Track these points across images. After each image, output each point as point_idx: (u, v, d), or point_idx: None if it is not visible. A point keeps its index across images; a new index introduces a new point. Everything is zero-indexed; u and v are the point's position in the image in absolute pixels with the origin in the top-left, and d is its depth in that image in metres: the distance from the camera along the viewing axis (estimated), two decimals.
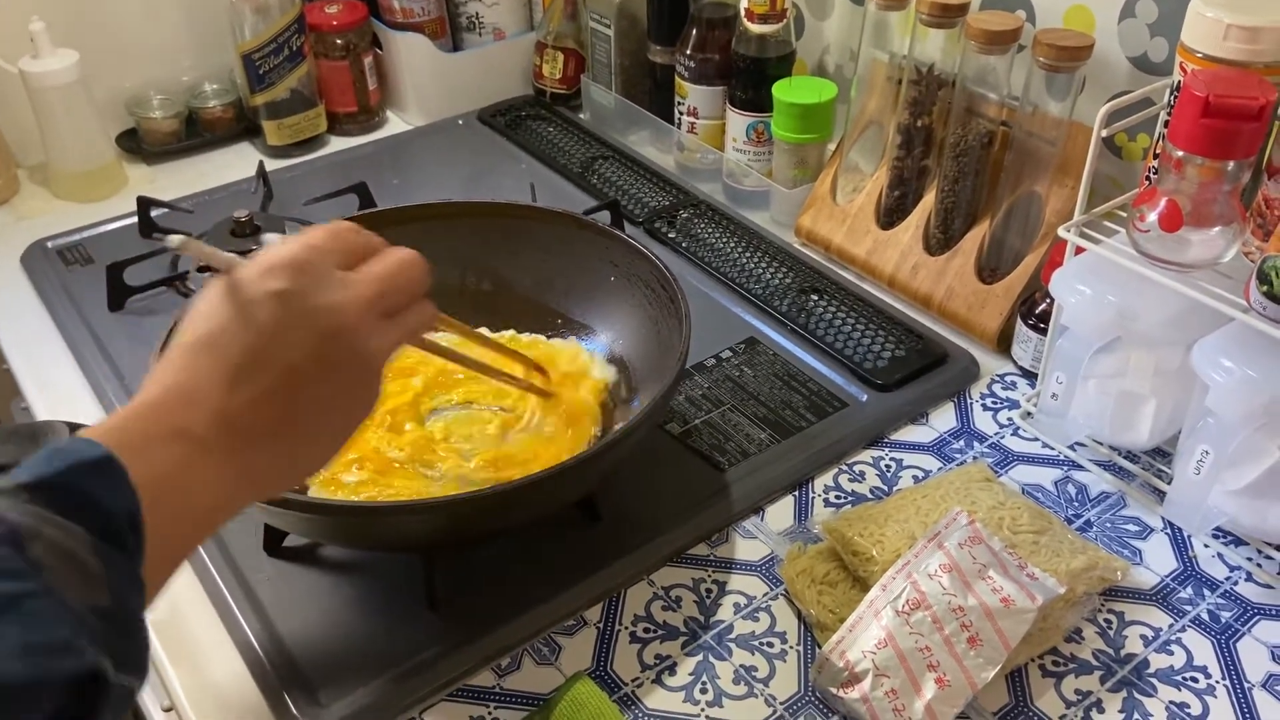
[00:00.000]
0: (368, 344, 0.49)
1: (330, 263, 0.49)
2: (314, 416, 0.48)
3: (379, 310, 0.49)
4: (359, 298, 0.48)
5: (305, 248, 0.48)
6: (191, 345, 0.46)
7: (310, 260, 0.48)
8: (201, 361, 0.46)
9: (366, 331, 0.49)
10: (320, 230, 0.50)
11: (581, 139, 1.16)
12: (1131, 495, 0.73)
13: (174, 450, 0.43)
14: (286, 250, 0.48)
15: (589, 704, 0.58)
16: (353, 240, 0.50)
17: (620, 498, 0.71)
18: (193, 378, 0.45)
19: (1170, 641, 0.64)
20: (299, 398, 0.47)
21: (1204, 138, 0.60)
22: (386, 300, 0.50)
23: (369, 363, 0.49)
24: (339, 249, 0.49)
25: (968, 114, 0.84)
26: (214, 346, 0.46)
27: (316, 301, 0.47)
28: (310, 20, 1.15)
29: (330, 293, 0.48)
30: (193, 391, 0.45)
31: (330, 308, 0.47)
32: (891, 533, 0.64)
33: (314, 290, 0.47)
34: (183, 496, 0.44)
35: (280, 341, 0.46)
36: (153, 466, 0.42)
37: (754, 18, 0.97)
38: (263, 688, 0.61)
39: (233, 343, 0.46)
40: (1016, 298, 0.84)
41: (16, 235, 1.02)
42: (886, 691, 0.56)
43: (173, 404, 0.45)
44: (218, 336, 0.46)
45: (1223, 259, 0.64)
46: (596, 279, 0.80)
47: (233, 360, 0.45)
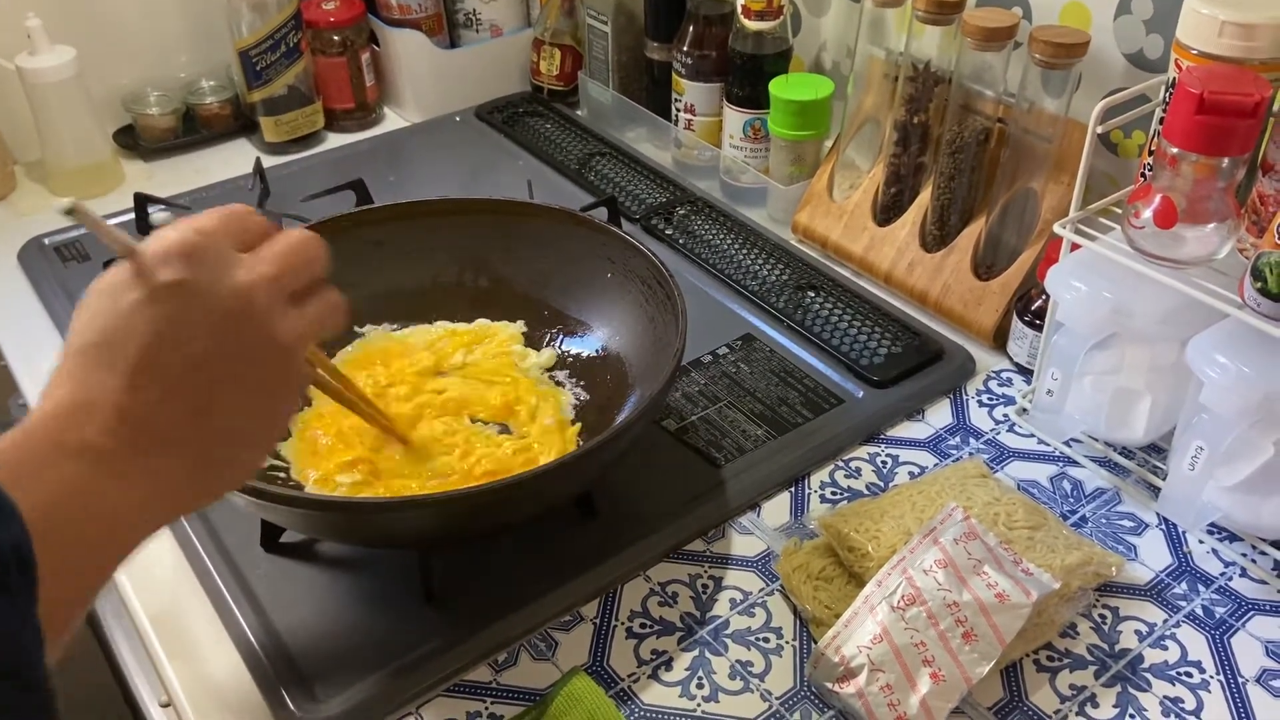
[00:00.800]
0: (279, 327, 0.45)
1: (226, 245, 0.45)
2: (229, 412, 0.44)
3: (284, 291, 0.46)
4: (262, 277, 0.45)
5: (198, 231, 0.44)
6: (82, 350, 0.42)
7: (205, 244, 0.44)
8: (94, 366, 0.42)
9: (275, 314, 0.45)
10: (213, 212, 0.46)
11: (579, 136, 1.16)
12: (1126, 491, 0.73)
13: (71, 468, 0.39)
14: (178, 235, 0.44)
15: (585, 699, 0.58)
16: (248, 221, 0.47)
17: (617, 494, 0.71)
18: (86, 386, 0.41)
19: (1165, 637, 0.64)
20: (209, 392, 0.43)
21: (1199, 134, 0.60)
22: (290, 280, 0.46)
23: (283, 348, 0.46)
24: (234, 231, 0.46)
25: (964, 111, 0.84)
26: (107, 348, 0.42)
27: (218, 286, 0.43)
28: (307, 17, 1.15)
29: (232, 275, 0.44)
30: (88, 400, 0.41)
31: (233, 291, 0.44)
32: (887, 528, 0.64)
33: (213, 275, 0.44)
34: (87, 518, 0.40)
35: (181, 335, 0.42)
36: (48, 489, 0.38)
37: (751, 14, 0.97)
38: (260, 683, 0.61)
39: (127, 341, 0.42)
40: (1012, 294, 0.84)
41: (14, 232, 1.02)
42: (882, 686, 0.57)
43: (67, 417, 0.41)
44: (110, 336, 0.42)
45: (1217, 255, 0.64)
46: (593, 275, 0.80)
47: (129, 360, 0.42)
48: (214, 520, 0.70)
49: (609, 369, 0.78)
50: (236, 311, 0.44)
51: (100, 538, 0.41)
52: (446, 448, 0.71)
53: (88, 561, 0.40)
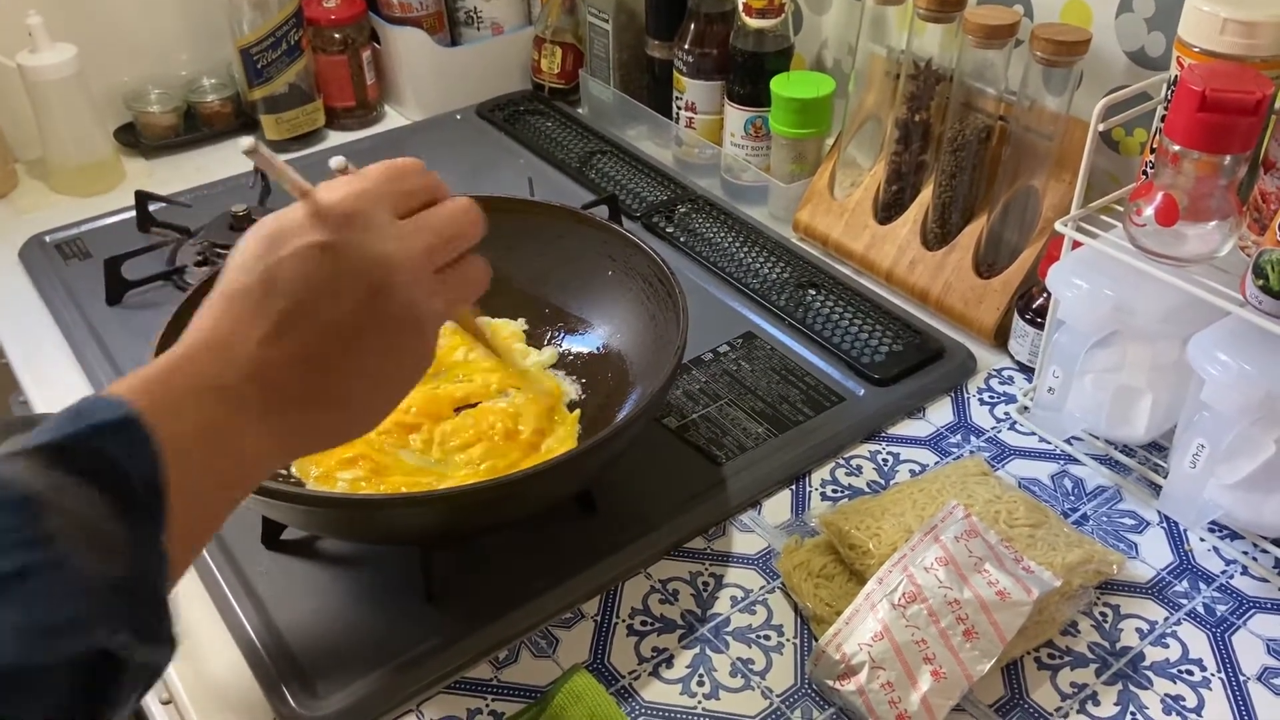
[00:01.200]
0: (421, 301, 0.46)
1: (385, 208, 0.46)
2: (359, 378, 0.45)
3: (432, 264, 0.46)
4: (412, 250, 0.45)
5: (360, 194, 0.45)
6: (230, 295, 0.43)
7: (362, 208, 0.45)
8: (238, 313, 0.43)
9: (420, 288, 0.46)
10: (381, 169, 0.47)
11: (579, 134, 1.16)
12: (1127, 489, 0.73)
13: (205, 406, 0.41)
14: (340, 194, 0.45)
15: (586, 696, 0.58)
16: (413, 182, 0.47)
17: (618, 491, 0.71)
18: (229, 329, 0.43)
19: (1166, 635, 0.64)
20: (343, 357, 0.44)
21: (1200, 132, 0.60)
22: (441, 253, 0.47)
23: (421, 321, 0.46)
24: (396, 191, 0.46)
25: (965, 109, 0.84)
26: (251, 298, 0.43)
27: (365, 254, 0.44)
28: (308, 15, 1.15)
29: (382, 244, 0.44)
30: (228, 344, 0.42)
31: (381, 260, 0.44)
32: (888, 526, 0.64)
33: (365, 242, 0.44)
34: (214, 454, 0.41)
35: (324, 297, 0.43)
36: (184, 425, 0.40)
37: (752, 12, 0.97)
38: (261, 680, 0.61)
39: (272, 296, 0.43)
40: (1014, 292, 0.84)
41: (14, 229, 1.02)
42: (882, 684, 0.56)
43: (206, 357, 0.42)
44: (257, 288, 0.43)
45: (1219, 253, 0.64)
46: (594, 273, 0.80)
47: (272, 314, 0.43)
48: None
49: (610, 366, 0.78)
50: (379, 283, 0.44)
51: (226, 475, 0.42)
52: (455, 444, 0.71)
53: (214, 496, 0.42)
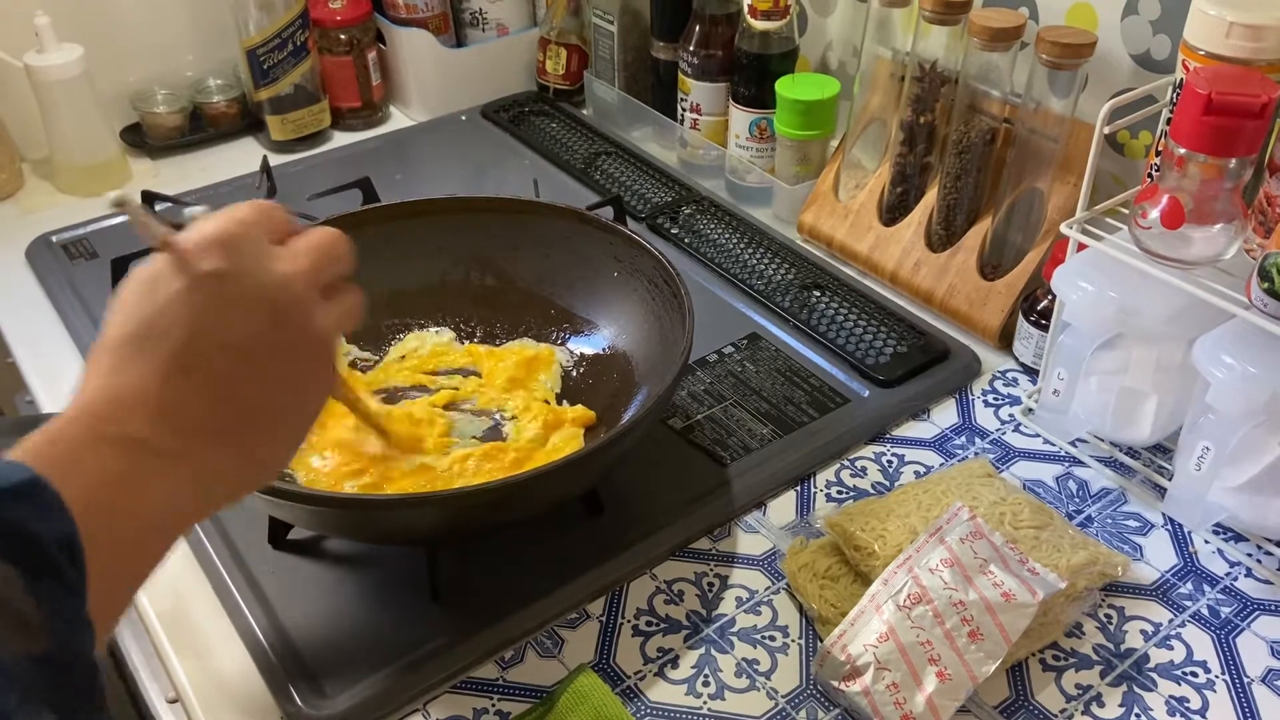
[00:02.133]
0: (316, 319, 0.46)
1: (263, 237, 0.45)
2: (266, 403, 0.44)
3: (319, 284, 0.46)
4: (300, 270, 0.45)
5: (237, 222, 0.44)
6: (121, 341, 0.42)
7: (244, 234, 0.44)
8: (134, 357, 0.42)
9: (312, 306, 0.46)
10: (246, 206, 0.46)
11: (584, 135, 1.16)
12: (1132, 491, 0.73)
13: (113, 459, 0.39)
14: (217, 225, 0.44)
15: (592, 697, 0.58)
16: (277, 216, 0.47)
17: (623, 492, 0.71)
18: (125, 376, 0.41)
19: (1170, 637, 0.64)
20: (249, 384, 0.43)
21: (1206, 135, 0.60)
22: (324, 274, 0.47)
23: (320, 340, 0.46)
24: (267, 224, 0.46)
25: (970, 111, 0.84)
26: (147, 339, 0.42)
27: (261, 276, 0.44)
28: (314, 15, 1.15)
29: (274, 265, 0.44)
30: (128, 391, 0.41)
31: (274, 281, 0.44)
32: (893, 527, 0.64)
33: (257, 265, 0.44)
34: (131, 509, 0.39)
35: (220, 325, 0.43)
36: (90, 480, 0.38)
37: (757, 14, 0.98)
38: (267, 679, 0.61)
39: (167, 332, 0.42)
40: (1018, 294, 0.84)
41: (21, 229, 1.03)
42: (888, 685, 0.57)
43: (106, 408, 0.41)
44: (149, 327, 0.42)
45: (1224, 256, 0.64)
46: (599, 274, 0.80)
47: (169, 350, 0.42)
48: (222, 518, 0.70)
49: (615, 367, 0.78)
50: (277, 302, 0.44)
51: (143, 529, 0.41)
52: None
53: (132, 553, 0.40)
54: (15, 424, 0.64)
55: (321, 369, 0.47)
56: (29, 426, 0.63)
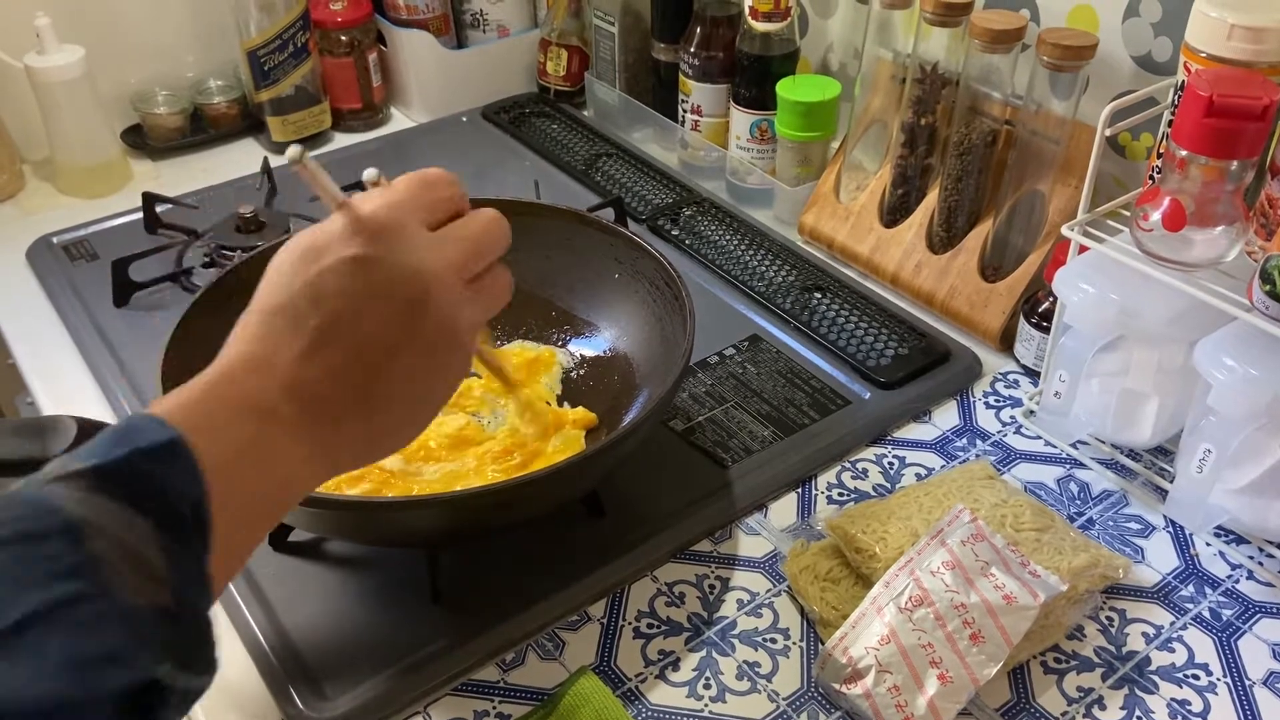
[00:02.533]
0: (454, 313, 0.46)
1: (417, 219, 0.45)
2: (395, 390, 0.45)
3: (466, 275, 0.46)
4: (446, 262, 0.45)
5: (393, 205, 0.45)
6: (265, 312, 0.43)
7: (397, 220, 0.44)
8: (275, 330, 0.43)
9: (453, 299, 0.45)
10: (412, 181, 0.47)
11: (585, 136, 1.16)
12: (1133, 493, 0.73)
13: (246, 426, 0.41)
14: (373, 207, 0.44)
15: (593, 699, 0.58)
16: (443, 192, 0.47)
17: (624, 494, 0.71)
18: (265, 347, 0.43)
19: (1172, 639, 0.64)
20: (381, 371, 0.44)
21: (1207, 137, 0.60)
22: (473, 264, 0.47)
23: (455, 333, 0.46)
24: (428, 204, 0.46)
25: (971, 113, 0.84)
26: (288, 314, 0.43)
27: (400, 268, 0.44)
28: (315, 17, 1.15)
29: (418, 257, 0.44)
30: (265, 362, 0.42)
31: (415, 274, 0.44)
32: (894, 530, 0.64)
33: (398, 254, 0.44)
34: (256, 475, 0.41)
35: (361, 311, 0.43)
36: (226, 446, 0.39)
37: (758, 16, 0.98)
38: (268, 681, 0.61)
39: (309, 311, 0.43)
40: (1019, 296, 0.84)
41: (22, 231, 1.03)
42: (889, 687, 0.57)
43: (244, 376, 0.42)
44: (293, 303, 0.43)
45: (1226, 258, 0.64)
46: (600, 276, 0.80)
47: (308, 330, 0.43)
48: None
49: (616, 369, 0.78)
50: (415, 298, 0.44)
51: (267, 494, 0.42)
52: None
53: (254, 516, 0.42)
54: (15, 426, 0.64)
55: (455, 361, 0.47)
56: (30, 429, 0.63)
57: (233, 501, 0.39)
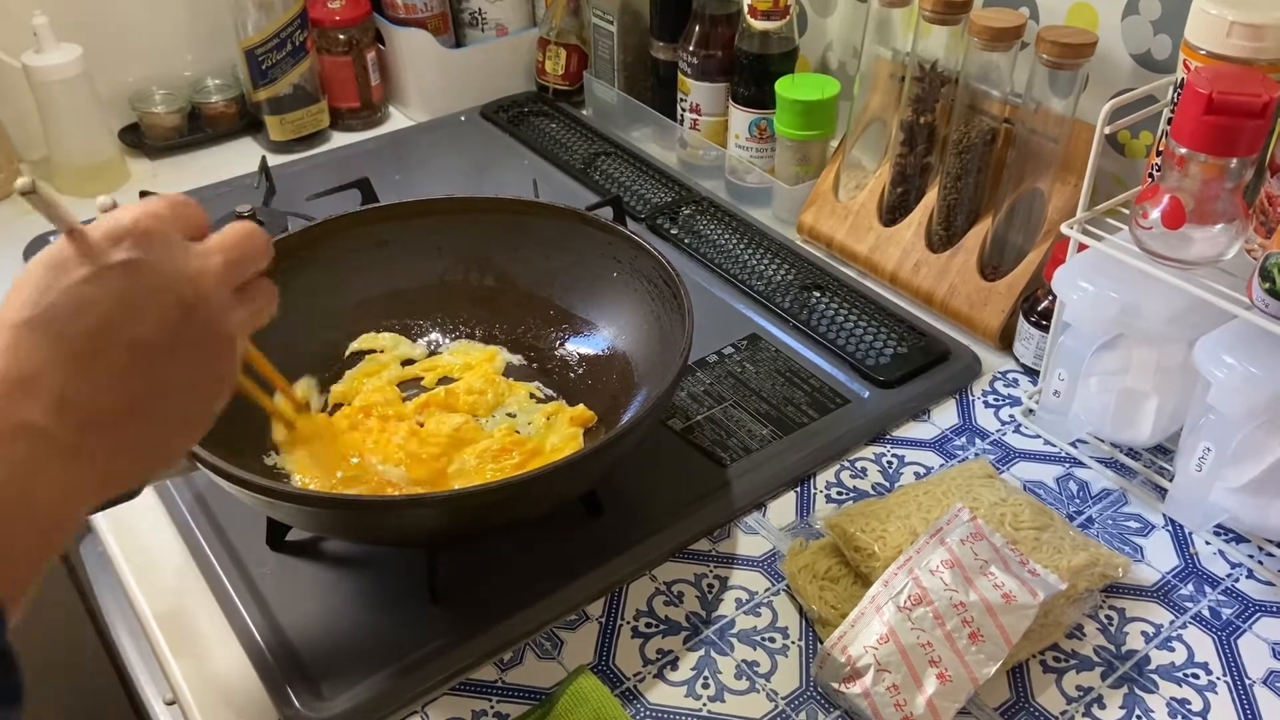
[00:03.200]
0: (223, 318, 0.45)
1: (177, 231, 0.45)
2: (168, 398, 0.44)
3: (231, 282, 0.46)
4: (213, 267, 0.45)
5: (151, 215, 0.44)
6: (26, 323, 0.41)
7: (158, 228, 0.44)
8: (38, 342, 0.40)
9: (222, 305, 0.45)
10: (162, 199, 0.46)
11: (584, 135, 1.16)
12: (1133, 492, 0.73)
13: (15, 448, 0.39)
14: (131, 216, 0.43)
15: (591, 698, 0.58)
16: (193, 211, 0.47)
17: (623, 493, 0.71)
18: (30, 362, 0.40)
19: (1171, 638, 0.64)
20: (150, 378, 0.43)
21: (1207, 135, 0.60)
22: (238, 271, 0.47)
23: (225, 338, 0.46)
24: (182, 218, 0.46)
25: (971, 111, 0.84)
26: (52, 324, 0.41)
27: (171, 271, 0.43)
28: (313, 15, 1.15)
29: (185, 261, 0.44)
30: (31, 378, 0.40)
31: (184, 277, 0.43)
32: (893, 529, 0.64)
33: (165, 260, 0.43)
34: (29, 500, 0.39)
35: (130, 316, 0.42)
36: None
37: (757, 14, 0.97)
38: (265, 681, 0.61)
39: (74, 319, 0.41)
40: (1019, 295, 0.84)
41: (19, 229, 1.02)
42: (888, 686, 0.56)
43: (9, 394, 0.39)
44: (56, 312, 0.41)
45: (1225, 256, 0.64)
46: (598, 275, 0.80)
47: (75, 339, 0.41)
48: (220, 518, 0.70)
49: (615, 368, 0.78)
50: (186, 299, 0.43)
51: (40, 518, 0.40)
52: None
53: (27, 543, 0.39)
54: None
55: (225, 367, 0.46)
56: None
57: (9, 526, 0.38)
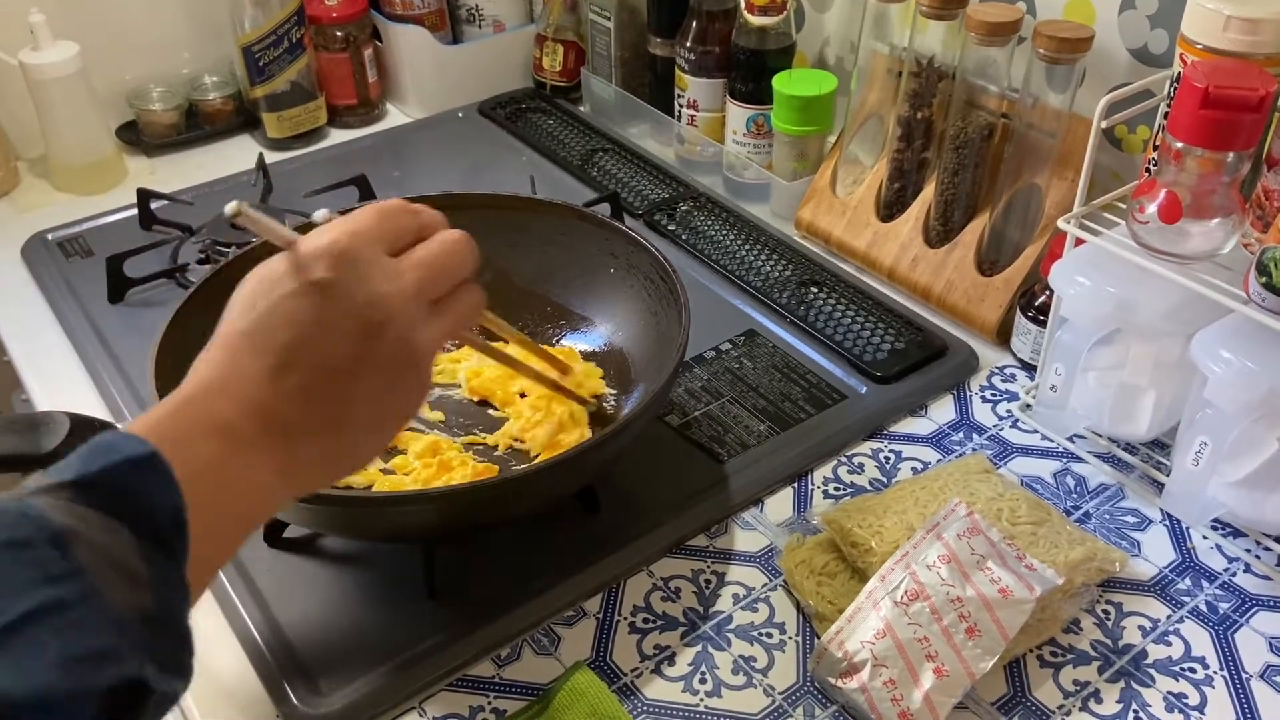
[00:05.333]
0: (414, 336, 0.47)
1: (377, 249, 0.47)
2: (358, 412, 0.47)
3: (426, 299, 0.48)
4: (405, 288, 0.47)
5: (352, 234, 0.46)
6: (231, 337, 0.45)
7: (356, 248, 0.46)
8: (241, 354, 0.45)
9: (413, 323, 0.47)
10: (370, 211, 0.48)
11: (581, 131, 1.16)
12: (1130, 487, 0.73)
13: (214, 445, 0.42)
14: (332, 236, 0.46)
15: (588, 694, 0.58)
16: (402, 222, 0.49)
17: (620, 489, 0.71)
18: (233, 371, 0.44)
19: (1168, 632, 0.64)
20: (342, 393, 0.46)
21: (1204, 129, 0.60)
22: (433, 288, 0.48)
23: (415, 356, 0.48)
24: (387, 232, 0.48)
25: (968, 106, 0.84)
26: (254, 338, 0.45)
27: (361, 294, 0.46)
28: (310, 12, 1.15)
29: (376, 283, 0.46)
30: (233, 385, 0.44)
31: (375, 300, 0.46)
32: (890, 524, 0.64)
33: (359, 281, 0.46)
34: (225, 493, 0.42)
35: (322, 336, 0.45)
36: (194, 462, 0.41)
37: (754, 10, 0.97)
38: (263, 677, 0.61)
39: (273, 335, 0.45)
40: (1016, 290, 0.84)
41: (17, 227, 1.03)
42: (885, 681, 0.56)
43: (213, 398, 0.44)
44: (258, 328, 0.45)
45: (1222, 251, 0.64)
46: (596, 271, 0.80)
47: (273, 353, 0.44)
48: None
49: (612, 364, 0.78)
50: (375, 322, 0.46)
51: (233, 510, 0.43)
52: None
53: (225, 529, 0.43)
54: (9, 422, 0.64)
55: (412, 381, 0.49)
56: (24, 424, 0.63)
57: (203, 515, 0.40)
